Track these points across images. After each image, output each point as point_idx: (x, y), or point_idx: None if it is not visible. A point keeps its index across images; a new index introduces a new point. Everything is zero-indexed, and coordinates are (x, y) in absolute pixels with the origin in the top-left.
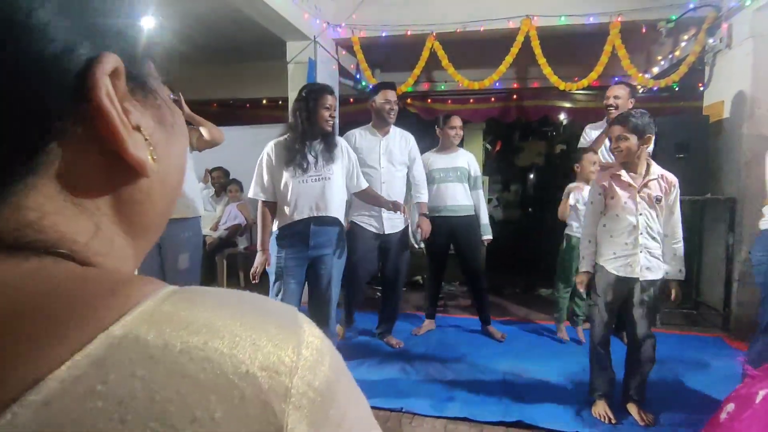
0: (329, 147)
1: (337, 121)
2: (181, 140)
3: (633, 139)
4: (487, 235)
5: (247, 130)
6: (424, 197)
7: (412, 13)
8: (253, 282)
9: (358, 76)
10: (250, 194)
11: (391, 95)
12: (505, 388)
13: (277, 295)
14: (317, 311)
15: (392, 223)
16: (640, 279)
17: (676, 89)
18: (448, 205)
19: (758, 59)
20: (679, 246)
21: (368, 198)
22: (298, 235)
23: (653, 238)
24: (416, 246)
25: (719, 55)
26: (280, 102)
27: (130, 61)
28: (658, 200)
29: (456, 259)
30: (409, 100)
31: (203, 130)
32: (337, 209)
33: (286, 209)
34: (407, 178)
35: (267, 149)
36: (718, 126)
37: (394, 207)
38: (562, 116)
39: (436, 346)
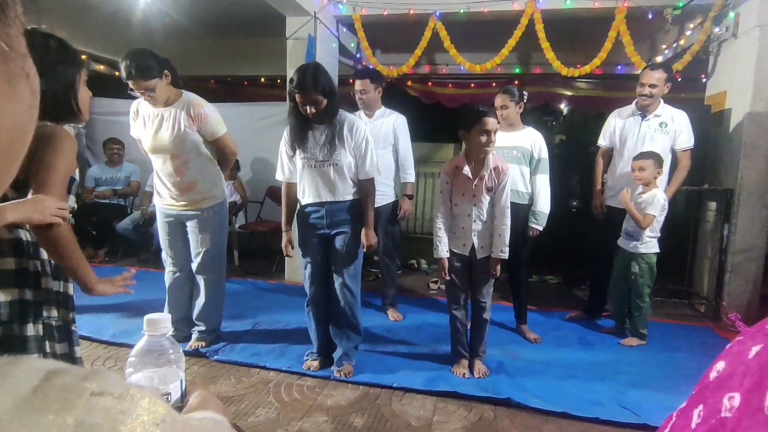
0: (330, 132)
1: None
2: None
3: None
4: (535, 225)
5: (244, 107)
6: (408, 177)
7: None
8: (286, 256)
9: (358, 56)
10: (277, 176)
11: (358, 84)
12: (497, 368)
13: (305, 269)
14: (336, 285)
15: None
16: (473, 258)
17: (679, 79)
18: None
19: (764, 49)
20: (505, 228)
21: (360, 192)
22: (314, 215)
23: (484, 223)
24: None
25: (724, 45)
26: (279, 80)
27: None
28: (490, 190)
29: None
30: (409, 83)
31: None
32: (348, 193)
33: (301, 192)
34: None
35: (285, 132)
36: (719, 116)
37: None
38: (563, 105)
39: (428, 324)
